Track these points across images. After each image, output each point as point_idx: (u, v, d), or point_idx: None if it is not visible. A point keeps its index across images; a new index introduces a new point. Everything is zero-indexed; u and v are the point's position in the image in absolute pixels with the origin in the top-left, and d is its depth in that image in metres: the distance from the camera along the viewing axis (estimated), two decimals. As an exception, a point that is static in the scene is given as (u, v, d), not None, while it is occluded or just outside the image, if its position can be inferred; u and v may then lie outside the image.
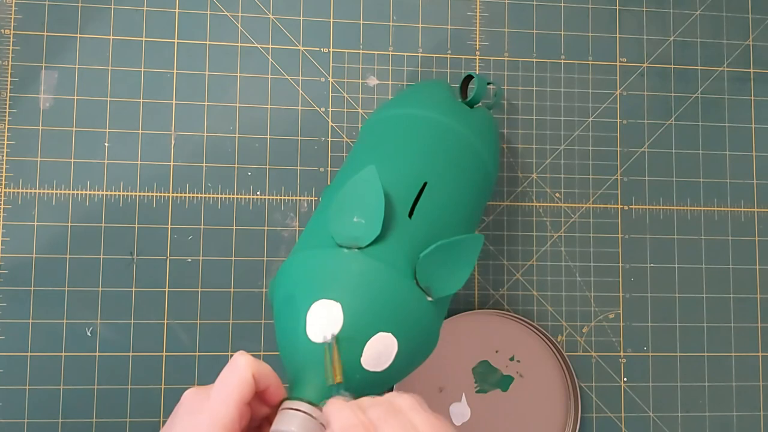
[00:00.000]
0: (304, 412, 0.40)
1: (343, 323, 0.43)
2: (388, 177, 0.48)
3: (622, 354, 0.64)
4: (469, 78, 0.59)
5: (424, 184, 0.49)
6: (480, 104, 0.57)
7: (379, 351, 0.43)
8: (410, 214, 0.48)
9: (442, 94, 0.56)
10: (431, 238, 0.47)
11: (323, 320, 0.43)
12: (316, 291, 0.44)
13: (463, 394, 0.61)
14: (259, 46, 0.63)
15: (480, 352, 0.61)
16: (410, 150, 0.52)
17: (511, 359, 0.62)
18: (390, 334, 0.44)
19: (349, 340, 0.43)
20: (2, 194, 0.59)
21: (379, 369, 0.44)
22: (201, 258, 0.60)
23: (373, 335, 0.43)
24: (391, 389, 0.51)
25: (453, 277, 0.47)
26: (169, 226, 0.60)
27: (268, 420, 0.42)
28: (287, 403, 0.41)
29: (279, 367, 0.42)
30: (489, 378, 0.61)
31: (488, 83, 0.61)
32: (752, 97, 0.67)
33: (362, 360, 0.43)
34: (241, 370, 0.39)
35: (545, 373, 0.62)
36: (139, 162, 0.61)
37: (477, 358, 0.61)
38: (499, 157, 0.58)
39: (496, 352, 0.61)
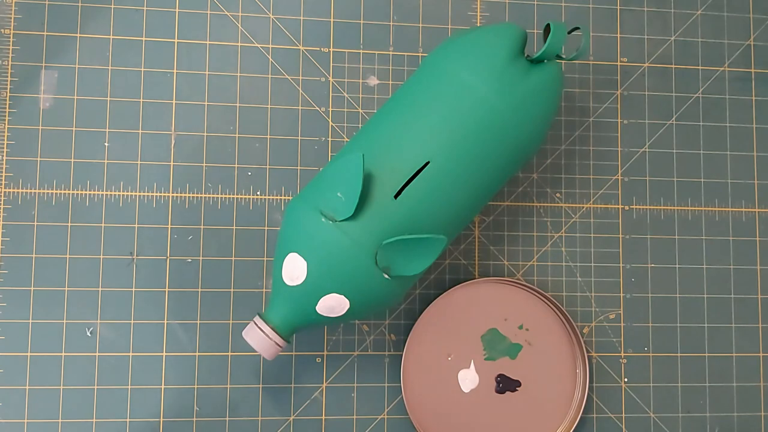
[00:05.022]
0: (266, 334, 0.52)
1: (305, 278, 0.51)
2: (393, 148, 0.52)
3: (622, 354, 0.63)
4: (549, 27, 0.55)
5: (425, 165, 0.51)
6: (558, 56, 0.55)
7: (332, 306, 0.52)
8: (396, 195, 0.51)
9: (504, 48, 0.53)
10: (411, 222, 0.51)
11: (292, 269, 0.51)
12: (294, 244, 0.52)
13: (472, 361, 0.61)
14: (259, 46, 0.63)
15: (489, 319, 0.62)
16: (428, 123, 0.52)
17: (520, 327, 0.62)
18: (343, 296, 0.51)
19: (309, 292, 0.51)
20: (2, 194, 0.59)
21: (332, 316, 0.52)
22: (201, 258, 0.60)
23: (329, 293, 0.51)
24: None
25: (411, 265, 0.51)
26: (169, 226, 0.60)
27: None
28: (258, 319, 0.53)
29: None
30: (498, 345, 0.61)
31: (573, 30, 0.57)
32: (753, 97, 0.67)
33: (317, 308, 0.52)
34: None
35: (554, 340, 0.62)
36: (139, 162, 0.61)
37: (486, 325, 0.61)
38: (549, 123, 0.55)
39: (505, 320, 0.62)
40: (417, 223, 0.51)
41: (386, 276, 0.51)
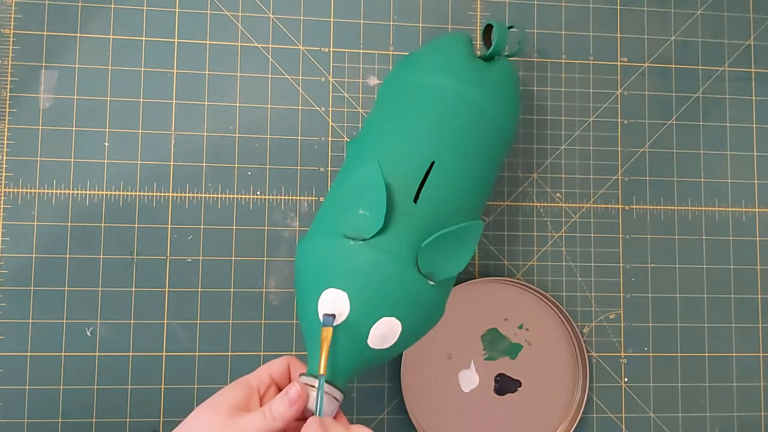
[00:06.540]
0: (326, 392, 0.45)
1: (349, 311, 0.46)
2: (396, 158, 0.51)
3: (622, 354, 0.63)
4: (490, 27, 0.58)
5: (432, 164, 0.50)
6: (502, 55, 0.57)
7: (384, 333, 0.47)
8: (416, 199, 0.49)
9: (459, 52, 0.55)
10: (437, 221, 0.49)
11: (332, 307, 0.46)
12: (326, 280, 0.47)
13: (472, 361, 0.61)
14: (259, 45, 0.63)
15: (489, 319, 0.62)
16: (419, 127, 0.52)
17: (520, 327, 0.62)
18: (394, 318, 0.47)
19: (356, 325, 0.47)
20: (2, 194, 0.59)
21: (385, 346, 0.48)
22: (201, 258, 0.60)
23: (378, 320, 0.47)
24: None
25: (453, 262, 0.49)
26: (169, 226, 0.60)
27: None
28: (305, 379, 0.46)
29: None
30: (497, 345, 0.62)
31: (509, 27, 0.58)
32: (753, 97, 0.67)
33: (368, 341, 0.47)
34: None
35: (553, 340, 0.62)
36: (139, 162, 0.61)
37: (486, 325, 0.62)
38: (519, 110, 0.57)
39: (505, 319, 0.62)
40: (442, 220, 0.50)
41: (431, 282, 0.48)
